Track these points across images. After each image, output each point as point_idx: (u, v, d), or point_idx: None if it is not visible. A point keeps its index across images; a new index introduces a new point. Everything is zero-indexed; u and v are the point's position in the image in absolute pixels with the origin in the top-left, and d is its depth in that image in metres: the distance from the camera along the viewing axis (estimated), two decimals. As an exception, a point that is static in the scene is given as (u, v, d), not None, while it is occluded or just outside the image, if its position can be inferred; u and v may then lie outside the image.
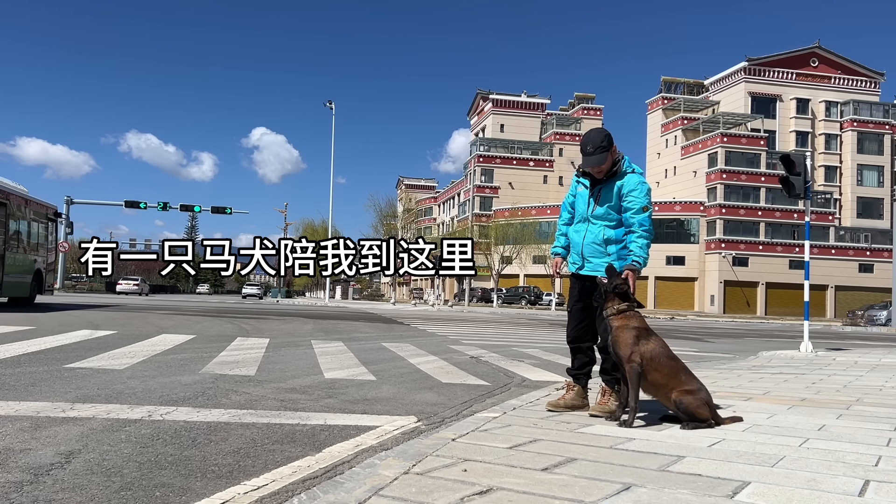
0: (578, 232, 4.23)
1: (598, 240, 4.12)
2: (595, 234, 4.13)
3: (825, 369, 7.77)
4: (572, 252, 4.29)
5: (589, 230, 4.16)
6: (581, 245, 4.18)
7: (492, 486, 2.35)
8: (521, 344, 11.62)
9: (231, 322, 14.34)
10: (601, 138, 4.02)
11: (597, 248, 4.12)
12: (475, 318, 25.68)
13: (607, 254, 4.10)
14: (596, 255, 4.12)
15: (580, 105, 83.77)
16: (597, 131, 4.10)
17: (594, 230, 4.14)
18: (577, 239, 4.22)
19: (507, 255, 58.06)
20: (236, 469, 2.89)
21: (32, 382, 4.90)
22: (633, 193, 4.05)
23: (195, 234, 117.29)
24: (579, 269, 4.21)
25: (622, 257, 4.08)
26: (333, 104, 47.17)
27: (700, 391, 3.68)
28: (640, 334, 3.74)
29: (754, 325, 31.61)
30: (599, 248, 4.12)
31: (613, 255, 4.09)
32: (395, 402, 4.89)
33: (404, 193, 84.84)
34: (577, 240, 4.22)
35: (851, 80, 69.78)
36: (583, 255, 4.18)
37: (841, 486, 2.47)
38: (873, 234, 65.10)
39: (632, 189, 4.05)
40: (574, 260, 4.26)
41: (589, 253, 4.15)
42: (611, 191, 4.09)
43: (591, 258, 4.14)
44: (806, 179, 10.49)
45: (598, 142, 4.00)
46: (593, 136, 4.05)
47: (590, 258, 4.15)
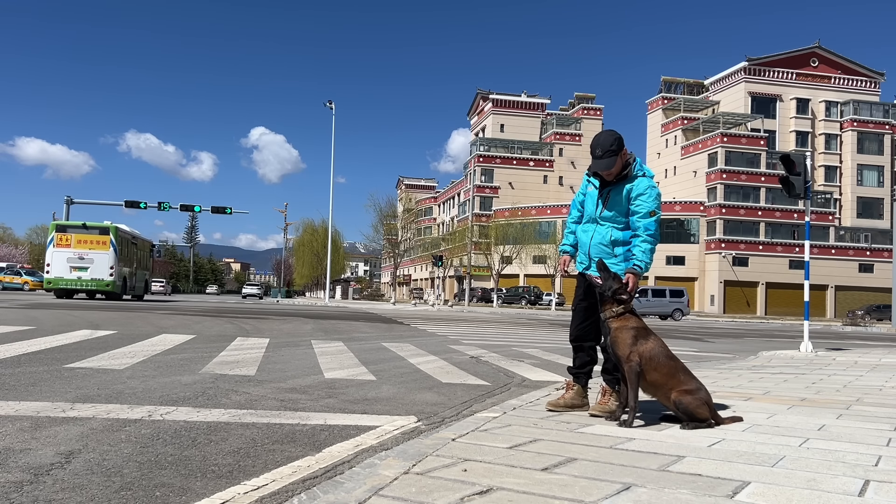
0: (587, 232, 4.25)
1: (605, 241, 4.14)
2: (603, 235, 4.15)
3: (825, 369, 7.78)
4: (580, 251, 4.30)
5: (597, 231, 4.19)
6: (588, 245, 4.20)
7: (492, 486, 2.35)
8: (521, 344, 11.63)
9: (231, 322, 14.34)
10: (611, 141, 4.01)
11: (604, 248, 4.15)
12: (475, 318, 25.68)
13: (614, 255, 4.12)
14: (602, 256, 4.14)
15: (580, 105, 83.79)
16: (607, 134, 4.08)
17: (602, 231, 4.16)
18: (585, 239, 4.24)
19: (507, 255, 58.10)
20: (236, 469, 2.89)
21: (32, 382, 4.90)
22: (641, 197, 4.06)
23: (195, 235, 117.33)
24: (586, 269, 4.23)
25: (628, 259, 4.10)
26: (333, 104, 47.14)
27: (699, 391, 3.68)
28: (639, 334, 3.75)
29: (754, 325, 31.62)
30: (606, 249, 4.14)
31: (620, 257, 4.11)
32: (395, 402, 4.89)
33: (404, 193, 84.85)
34: (585, 240, 4.24)
35: (851, 80, 69.79)
36: (590, 256, 4.20)
37: (841, 486, 2.47)
38: (873, 234, 65.11)
39: (641, 193, 4.07)
40: (581, 259, 4.28)
41: (596, 253, 4.16)
42: (620, 193, 4.10)
43: (598, 259, 4.16)
44: (806, 179, 10.49)
45: (607, 145, 4.00)
46: (603, 138, 4.05)
47: (596, 259, 4.16)
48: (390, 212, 67.59)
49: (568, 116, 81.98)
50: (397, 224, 65.79)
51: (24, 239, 76.44)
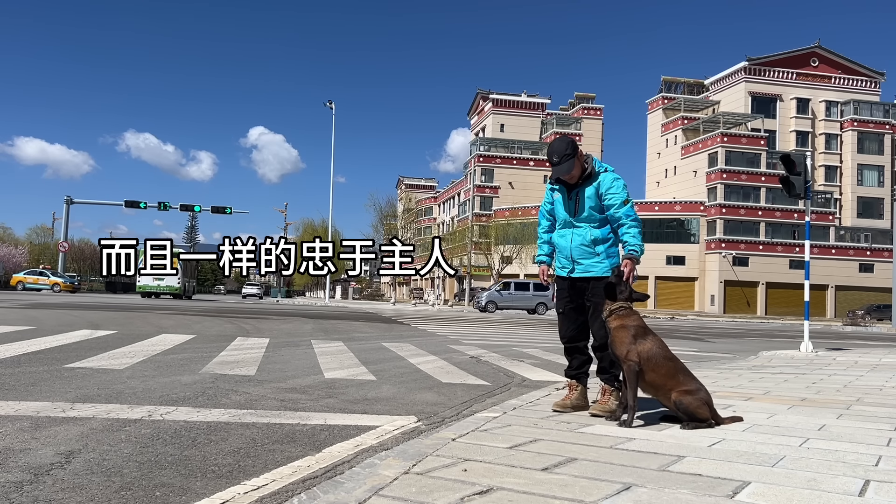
0: (564, 237, 4.32)
1: (586, 241, 4.22)
2: (582, 237, 4.23)
3: (825, 369, 7.78)
4: (559, 256, 4.37)
5: (575, 233, 4.26)
6: (569, 249, 4.27)
7: (492, 486, 2.35)
8: (521, 344, 11.62)
9: (231, 322, 14.34)
10: (564, 146, 4.14)
11: (585, 249, 4.22)
12: (475, 317, 25.68)
13: (596, 253, 4.21)
14: (585, 257, 4.22)
15: (580, 105, 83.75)
16: (559, 140, 4.19)
17: (580, 233, 4.24)
18: (564, 244, 4.31)
19: (508, 255, 58.10)
20: (236, 469, 2.89)
21: (32, 382, 4.90)
22: (611, 190, 4.18)
23: (195, 234, 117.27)
24: (570, 273, 4.29)
25: (610, 255, 4.22)
26: (333, 104, 47.14)
27: (699, 391, 3.68)
28: (637, 333, 3.77)
29: (754, 325, 31.62)
30: (588, 249, 4.22)
31: (602, 255, 4.20)
32: (395, 401, 4.89)
33: (404, 193, 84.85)
34: (564, 244, 4.30)
35: (851, 80, 69.76)
36: (572, 259, 4.26)
37: (841, 486, 2.47)
38: (873, 234, 65.10)
39: (609, 186, 4.18)
40: (563, 264, 4.34)
41: (578, 255, 4.24)
42: (588, 193, 4.20)
43: (582, 260, 4.24)
44: (806, 179, 10.49)
45: (562, 150, 4.12)
46: (556, 145, 4.17)
47: (580, 260, 4.24)
48: (390, 212, 67.62)
49: (568, 116, 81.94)
50: (397, 224, 65.81)
51: (24, 239, 76.42)
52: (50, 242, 69.69)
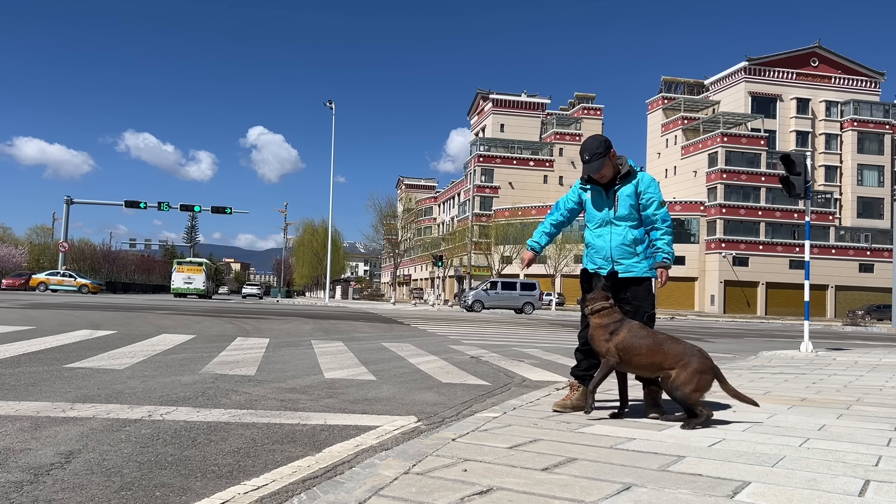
0: (602, 236, 4.30)
1: (626, 241, 4.22)
2: (623, 236, 4.23)
3: (825, 369, 7.78)
4: (596, 256, 4.33)
5: (615, 233, 4.25)
6: (609, 248, 4.26)
7: (492, 486, 2.35)
8: (521, 344, 11.62)
9: (231, 322, 14.34)
10: (597, 145, 4.15)
11: (626, 248, 4.23)
12: (475, 317, 25.68)
13: (636, 253, 4.23)
14: (625, 257, 4.22)
15: (580, 105, 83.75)
16: (593, 138, 4.20)
17: (620, 232, 4.24)
18: (603, 243, 4.29)
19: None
20: (236, 469, 2.89)
21: (32, 382, 4.90)
22: (649, 190, 4.21)
23: (195, 234, 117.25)
24: (610, 271, 4.29)
25: (648, 256, 4.24)
26: (333, 104, 47.11)
27: (689, 364, 3.62)
28: (612, 329, 3.84)
29: (754, 325, 31.62)
30: (629, 249, 4.22)
31: (641, 255, 4.23)
32: (395, 402, 4.89)
33: (404, 193, 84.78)
34: (603, 244, 4.28)
35: (851, 80, 69.77)
36: (612, 259, 4.25)
37: (841, 486, 2.47)
38: (873, 234, 65.11)
39: (647, 186, 4.22)
40: (601, 264, 4.30)
41: (619, 255, 4.24)
42: (629, 191, 4.21)
43: (622, 260, 4.24)
44: (806, 179, 10.49)
45: (594, 149, 4.14)
46: (589, 143, 4.18)
47: (620, 260, 4.24)
48: (390, 212, 67.54)
49: (568, 116, 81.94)
50: (397, 224, 65.74)
51: (23, 239, 76.36)
52: (50, 242, 69.62)
